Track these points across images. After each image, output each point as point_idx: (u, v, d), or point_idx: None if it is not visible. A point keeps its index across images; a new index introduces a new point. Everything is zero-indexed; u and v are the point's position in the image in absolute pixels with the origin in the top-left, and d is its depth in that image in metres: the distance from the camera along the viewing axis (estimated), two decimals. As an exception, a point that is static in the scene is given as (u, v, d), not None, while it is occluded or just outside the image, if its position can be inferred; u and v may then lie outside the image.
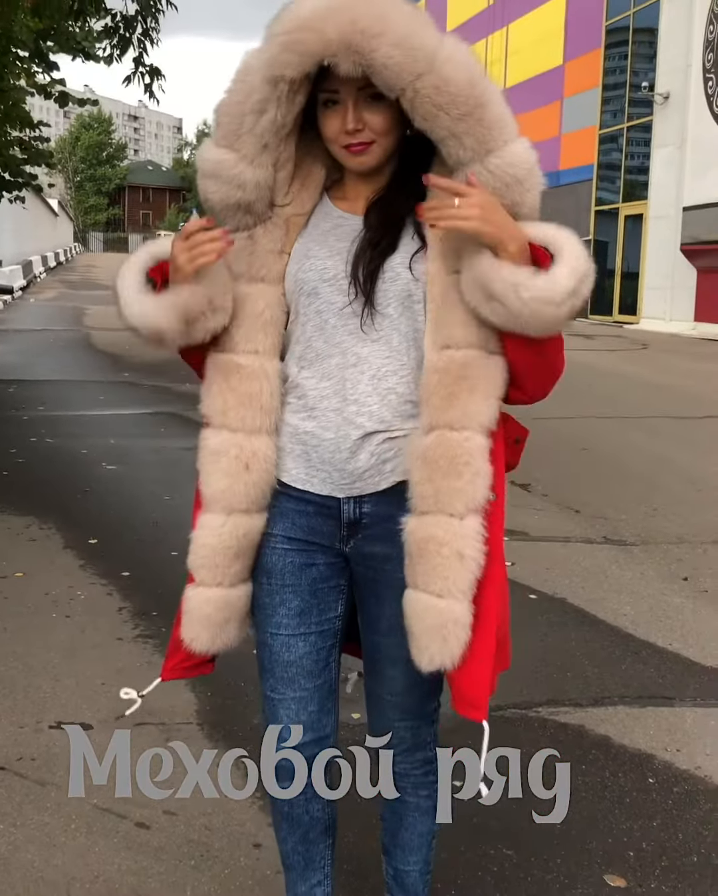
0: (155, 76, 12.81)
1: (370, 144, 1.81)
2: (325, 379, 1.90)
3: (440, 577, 1.83)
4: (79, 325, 18.10)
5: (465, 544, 1.82)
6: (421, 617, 1.85)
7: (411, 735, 2.11)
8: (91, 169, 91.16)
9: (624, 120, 23.99)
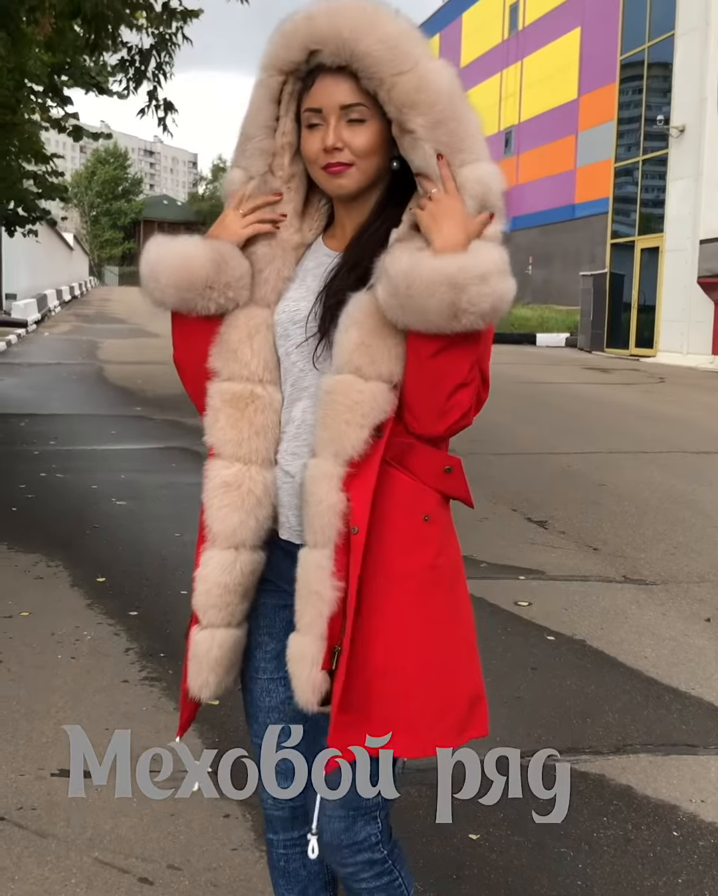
0: (169, 110, 12.88)
1: (349, 167, 1.75)
2: (290, 423, 1.85)
3: (299, 611, 1.77)
4: (92, 359, 18.11)
5: (312, 578, 1.74)
6: (291, 656, 1.79)
7: (343, 829, 1.84)
8: (107, 203, 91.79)
9: (640, 153, 24.01)
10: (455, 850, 2.94)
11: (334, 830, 1.84)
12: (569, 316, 27.90)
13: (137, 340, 22.54)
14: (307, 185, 1.86)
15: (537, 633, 4.77)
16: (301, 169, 1.84)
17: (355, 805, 1.84)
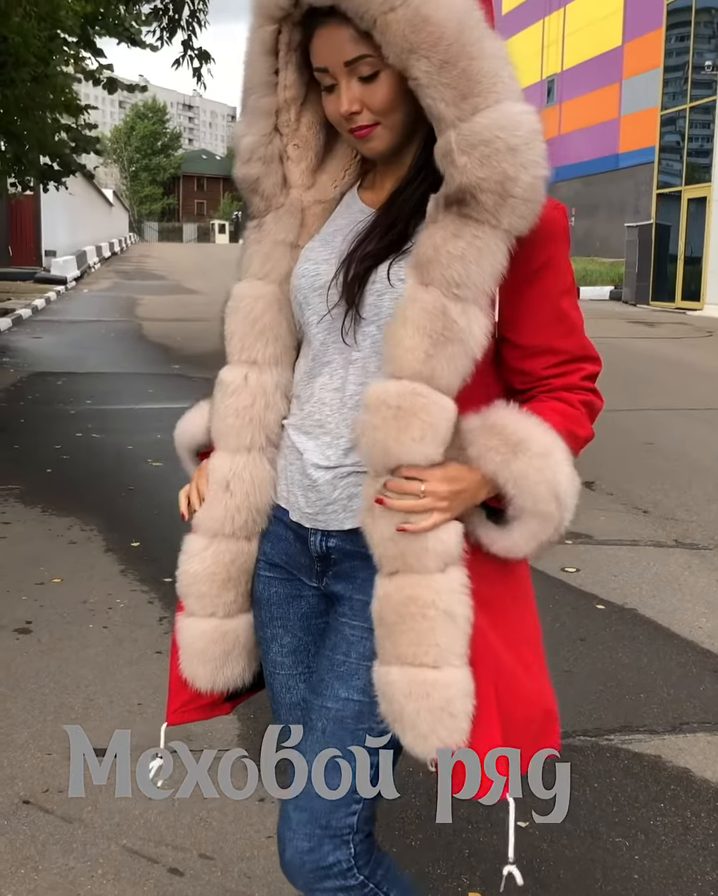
0: (204, 60, 12.62)
1: (374, 127, 1.53)
2: (308, 400, 1.66)
3: (432, 644, 1.52)
4: (131, 316, 17.96)
5: (453, 600, 1.52)
6: (416, 697, 1.53)
7: (307, 849, 1.61)
8: (146, 159, 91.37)
9: (686, 101, 23.33)
10: (503, 839, 2.76)
11: (296, 848, 1.62)
12: (613, 268, 27.35)
13: (176, 297, 22.37)
14: (326, 133, 1.66)
15: (586, 601, 4.58)
16: (313, 120, 1.65)
17: (322, 823, 1.61)
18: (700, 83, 22.66)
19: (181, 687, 1.80)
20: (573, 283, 1.64)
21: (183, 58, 12.81)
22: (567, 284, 1.61)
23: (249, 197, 1.69)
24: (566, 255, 1.59)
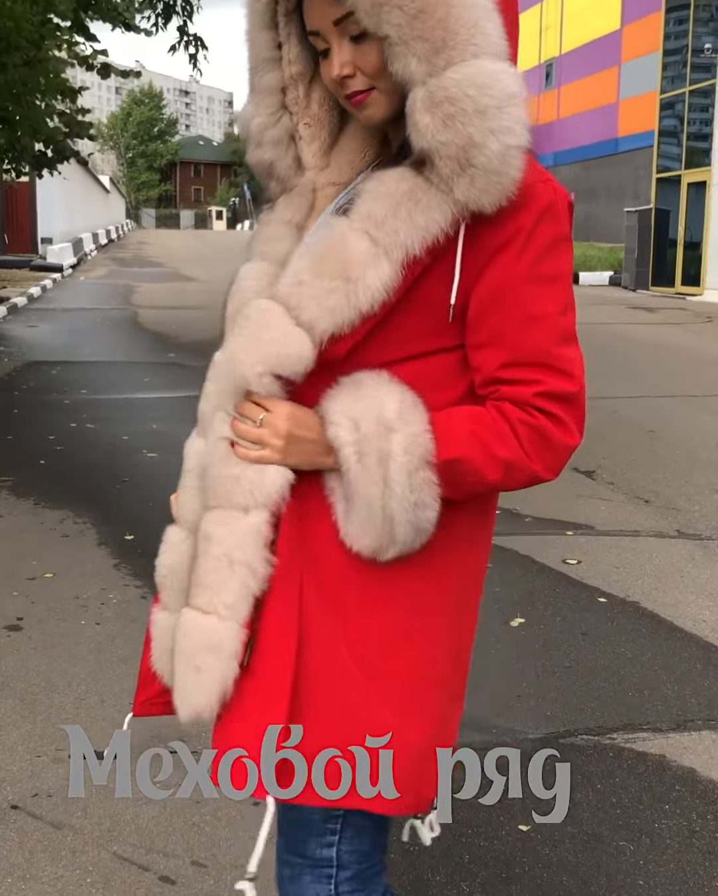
0: (200, 46, 12.49)
1: (369, 92, 1.41)
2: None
3: (204, 585, 1.44)
4: (127, 304, 17.84)
5: (237, 543, 1.42)
6: (178, 641, 1.47)
7: (288, 877, 1.56)
8: (142, 145, 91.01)
9: (686, 84, 23.16)
10: (504, 844, 2.69)
11: (279, 874, 1.58)
12: (612, 253, 27.20)
13: (172, 284, 22.24)
14: (342, 111, 1.55)
15: (587, 594, 4.50)
16: (325, 97, 1.54)
17: (301, 852, 1.54)
18: (700, 66, 22.49)
19: (150, 679, 1.66)
20: (559, 273, 1.39)
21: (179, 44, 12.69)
22: (542, 270, 1.37)
23: (265, 182, 1.59)
24: (549, 235, 1.37)
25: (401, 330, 1.43)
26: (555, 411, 1.39)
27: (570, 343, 1.41)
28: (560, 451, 1.41)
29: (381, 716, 1.43)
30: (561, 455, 1.42)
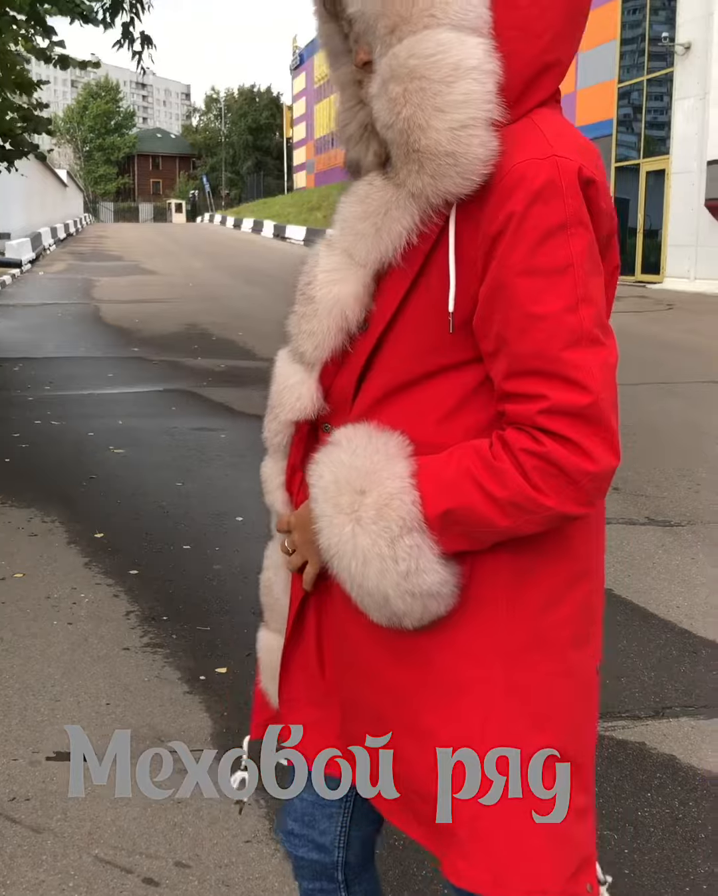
0: (146, 44, 12.35)
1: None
2: None
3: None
4: (88, 299, 17.69)
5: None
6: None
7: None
8: (100, 138, 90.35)
9: (643, 73, 23.27)
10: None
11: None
12: (573, 243, 27.35)
13: (133, 278, 22.09)
14: None
15: (561, 583, 4.50)
16: None
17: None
18: (656, 55, 22.60)
19: (265, 701, 1.62)
20: (565, 262, 1.19)
21: (124, 41, 12.53)
22: (539, 261, 1.19)
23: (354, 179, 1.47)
24: (546, 219, 1.18)
25: (403, 349, 1.31)
26: (564, 432, 1.18)
27: (583, 345, 1.18)
28: (581, 480, 1.19)
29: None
30: (584, 485, 1.19)
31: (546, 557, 1.31)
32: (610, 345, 1.22)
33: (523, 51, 1.24)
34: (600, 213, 1.23)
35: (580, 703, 1.37)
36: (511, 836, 1.35)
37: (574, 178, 1.20)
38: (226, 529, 5.10)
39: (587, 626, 1.36)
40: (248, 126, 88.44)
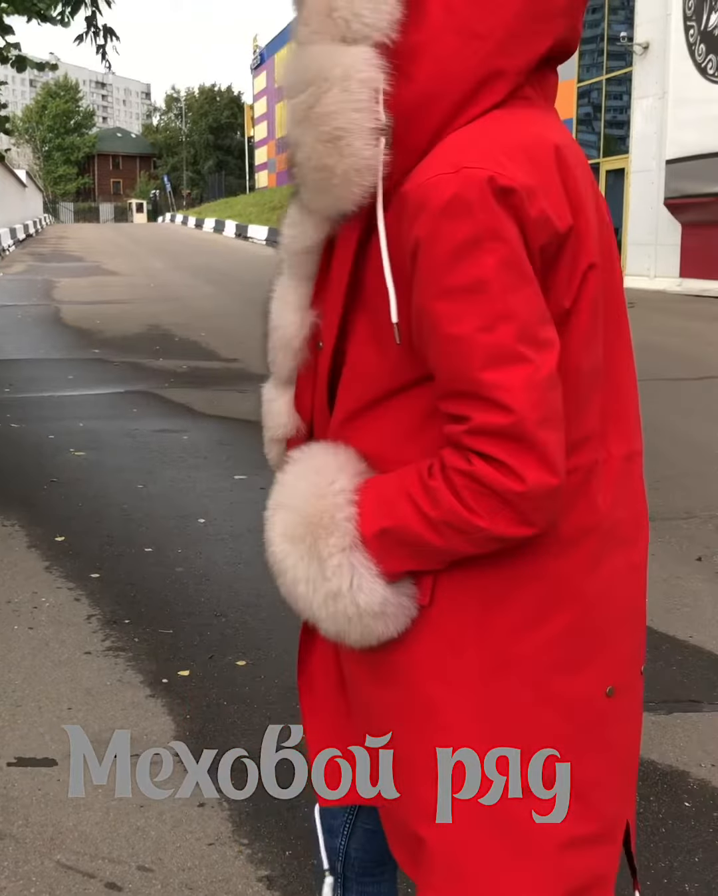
0: (109, 37, 12.29)
1: None
2: None
3: None
4: (48, 300, 17.56)
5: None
6: None
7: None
8: (59, 138, 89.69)
9: (602, 72, 23.42)
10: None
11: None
12: (534, 242, 27.51)
13: (94, 279, 21.95)
14: None
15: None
16: None
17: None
18: (615, 55, 22.74)
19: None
20: (477, 280, 1.14)
21: (86, 34, 12.46)
22: (451, 280, 1.15)
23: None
24: (454, 236, 1.14)
25: (362, 367, 1.31)
26: (490, 451, 1.16)
27: (502, 364, 1.15)
28: (512, 500, 1.17)
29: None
30: (518, 505, 1.17)
31: (517, 580, 1.28)
32: (540, 360, 1.16)
33: (464, 55, 1.20)
34: (531, 222, 1.16)
35: (570, 729, 1.33)
36: (486, 868, 1.32)
37: (484, 189, 1.14)
38: (188, 531, 5.08)
39: (578, 651, 1.32)
40: (209, 125, 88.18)
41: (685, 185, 19.68)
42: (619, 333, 1.37)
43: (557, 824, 1.34)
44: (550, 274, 1.20)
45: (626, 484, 1.37)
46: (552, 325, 1.19)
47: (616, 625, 1.36)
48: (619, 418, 1.36)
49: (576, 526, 1.29)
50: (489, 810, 1.32)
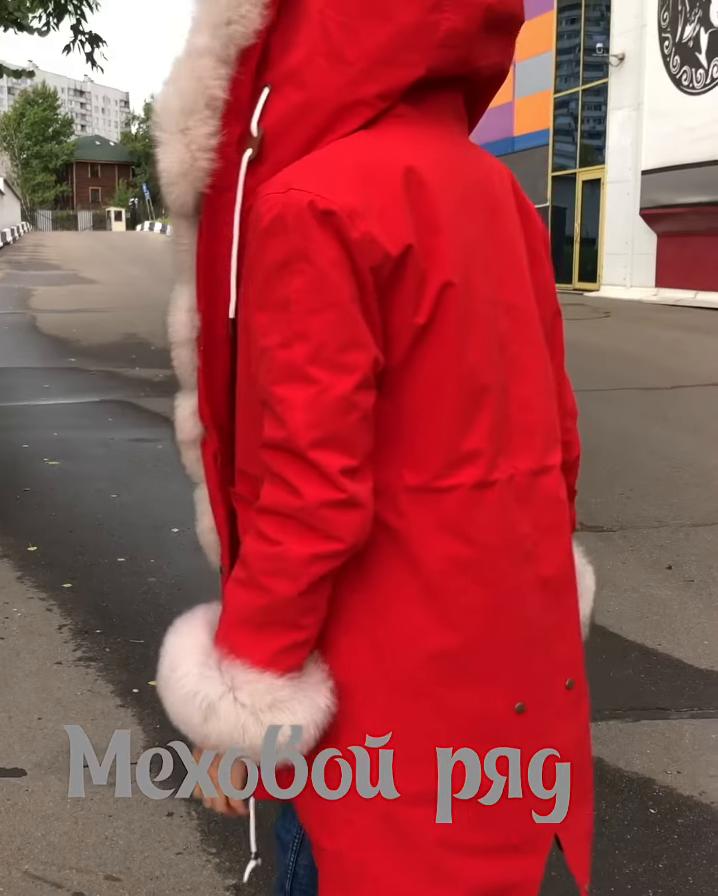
0: (96, 44, 12.31)
1: None
2: None
3: None
4: (25, 308, 17.52)
5: None
6: None
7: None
8: (37, 146, 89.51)
9: (579, 83, 23.57)
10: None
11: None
12: (512, 251, 27.58)
13: (71, 287, 21.91)
14: None
15: (494, 590, 4.55)
16: None
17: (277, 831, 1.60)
18: (592, 65, 22.90)
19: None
20: (285, 298, 1.19)
21: (73, 43, 12.48)
22: (267, 296, 1.21)
23: None
24: (273, 255, 1.20)
25: (244, 370, 1.32)
26: (270, 463, 1.21)
27: (290, 381, 1.19)
28: (294, 514, 1.19)
29: None
30: (303, 519, 1.18)
31: (396, 599, 1.29)
32: (329, 382, 1.18)
33: (331, 79, 1.25)
34: (354, 243, 1.19)
35: (472, 742, 1.33)
36: (377, 876, 1.33)
37: (303, 212, 1.18)
38: (162, 541, 5.09)
39: (474, 667, 1.32)
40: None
41: (660, 196, 19.83)
42: (529, 348, 1.39)
43: (457, 833, 1.34)
44: (390, 292, 1.22)
45: (532, 499, 1.37)
46: (365, 350, 1.20)
47: (522, 642, 1.36)
48: (525, 434, 1.36)
49: (464, 542, 1.29)
50: (382, 816, 1.32)
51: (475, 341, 1.29)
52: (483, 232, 1.32)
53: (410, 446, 1.27)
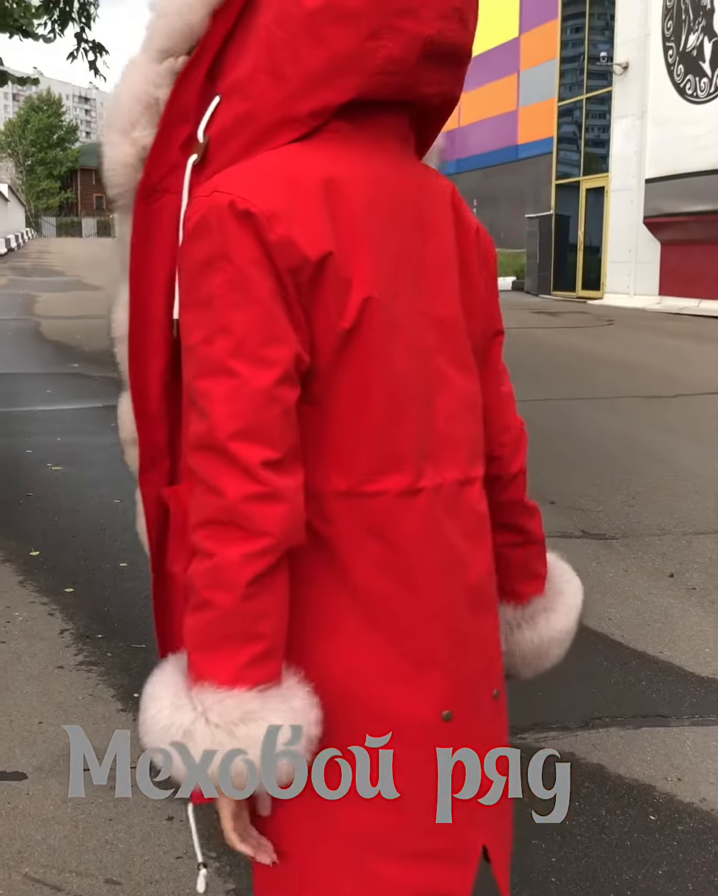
0: (99, 52, 12.36)
1: None
2: None
3: None
4: (29, 314, 17.55)
5: None
6: None
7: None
8: (42, 152, 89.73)
9: (583, 91, 23.62)
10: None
11: None
12: (515, 259, 27.59)
13: (75, 293, 21.94)
14: None
15: (496, 596, 4.55)
16: None
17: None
18: (596, 74, 22.95)
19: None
20: (208, 296, 1.22)
21: (77, 51, 12.52)
22: (193, 294, 1.24)
23: None
24: (197, 254, 1.24)
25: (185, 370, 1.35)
26: (195, 466, 1.22)
27: (211, 375, 1.21)
28: (219, 515, 1.19)
29: None
30: (229, 518, 1.19)
31: (299, 622, 1.28)
32: (250, 375, 1.20)
33: (270, 93, 1.30)
34: (272, 245, 1.22)
35: (399, 746, 1.33)
36: (307, 873, 1.34)
37: (224, 213, 1.22)
38: (164, 546, 5.08)
39: (399, 670, 1.33)
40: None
41: (664, 204, 19.85)
42: (457, 362, 1.40)
43: (389, 834, 1.34)
44: (313, 296, 1.25)
45: (459, 509, 1.38)
46: (286, 346, 1.22)
47: (452, 649, 1.36)
48: (451, 445, 1.37)
49: (390, 548, 1.30)
50: (314, 812, 1.32)
51: (401, 351, 1.31)
52: (414, 247, 1.35)
53: (336, 451, 1.28)
